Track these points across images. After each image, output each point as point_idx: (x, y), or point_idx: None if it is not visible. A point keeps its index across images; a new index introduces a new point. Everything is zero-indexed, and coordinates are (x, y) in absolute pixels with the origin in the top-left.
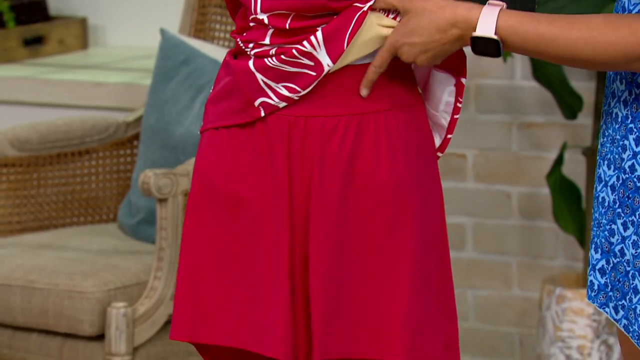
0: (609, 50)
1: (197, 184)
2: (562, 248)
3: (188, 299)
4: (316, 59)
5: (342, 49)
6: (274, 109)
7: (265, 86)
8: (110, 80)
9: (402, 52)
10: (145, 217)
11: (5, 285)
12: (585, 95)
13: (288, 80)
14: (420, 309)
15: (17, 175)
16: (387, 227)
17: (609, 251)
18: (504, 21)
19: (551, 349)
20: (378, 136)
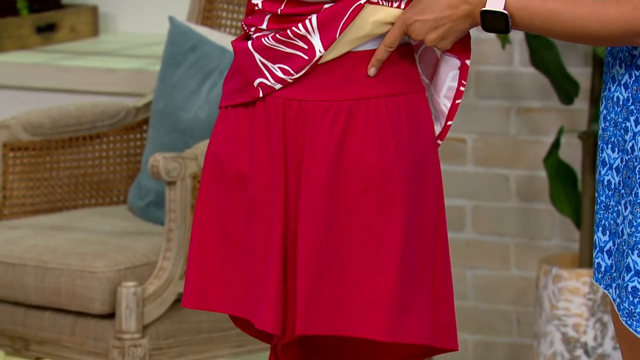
0: (612, 26)
1: (209, 161)
2: (558, 229)
3: (198, 269)
4: (310, 43)
5: (334, 37)
6: (270, 90)
7: (262, 66)
8: (120, 67)
9: (413, 29)
10: (154, 200)
11: (19, 265)
12: (582, 81)
13: (283, 62)
14: (406, 290)
15: (31, 159)
16: (375, 210)
17: (616, 232)
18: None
19: (547, 327)
20: (368, 122)
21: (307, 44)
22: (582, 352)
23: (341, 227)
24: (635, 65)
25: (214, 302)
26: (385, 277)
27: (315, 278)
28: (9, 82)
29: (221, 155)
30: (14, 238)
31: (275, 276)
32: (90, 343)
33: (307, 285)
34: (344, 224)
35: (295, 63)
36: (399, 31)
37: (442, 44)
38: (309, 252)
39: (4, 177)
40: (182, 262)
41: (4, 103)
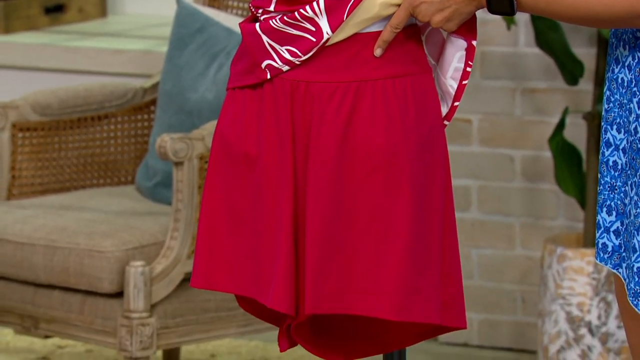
0: (616, 7)
1: (216, 142)
2: (563, 209)
3: (206, 250)
4: (317, 25)
5: (341, 20)
6: (278, 72)
7: (270, 48)
8: (128, 48)
9: (419, 10)
10: (162, 180)
11: (28, 245)
12: (586, 62)
13: (290, 44)
14: (414, 270)
15: (39, 139)
16: (382, 190)
17: (624, 213)
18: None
19: (552, 306)
20: (375, 103)
21: (315, 26)
22: (586, 330)
23: (349, 207)
24: (639, 47)
25: (221, 282)
26: (393, 256)
27: (323, 258)
28: (18, 63)
29: (229, 137)
30: (23, 218)
31: (286, 256)
32: (99, 322)
33: (316, 265)
34: (351, 204)
35: (303, 45)
36: (405, 12)
37: (447, 25)
38: (317, 232)
39: (13, 157)
40: (190, 241)
41: (12, 84)
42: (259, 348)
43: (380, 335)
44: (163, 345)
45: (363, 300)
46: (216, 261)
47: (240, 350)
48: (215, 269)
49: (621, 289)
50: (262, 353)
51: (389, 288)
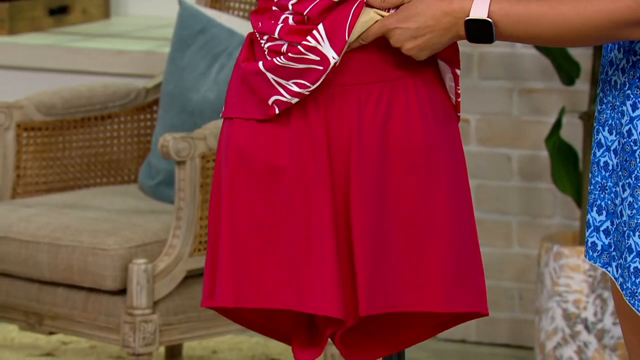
0: (596, 18)
1: (234, 159)
2: (559, 208)
3: (230, 267)
4: (322, 54)
5: (344, 41)
6: (287, 106)
7: (276, 84)
8: (131, 49)
9: (393, 34)
10: (164, 179)
11: (33, 243)
12: (583, 62)
13: (298, 77)
14: (456, 262)
15: (44, 139)
16: (422, 186)
17: (614, 213)
18: (495, 4)
19: (549, 303)
20: (408, 100)
21: (319, 55)
22: (582, 327)
23: (392, 206)
24: (633, 51)
25: (252, 299)
26: (438, 250)
27: (373, 259)
28: (23, 64)
29: (250, 152)
30: (27, 216)
31: (332, 262)
32: (102, 318)
33: (367, 267)
34: (394, 202)
35: (311, 76)
36: (377, 32)
37: (419, 54)
38: (365, 234)
39: (18, 157)
40: (191, 240)
41: (17, 84)
42: (259, 344)
43: (396, 332)
44: (165, 342)
45: (411, 296)
46: (244, 278)
47: (242, 346)
48: (242, 285)
49: (616, 287)
50: (262, 349)
51: (437, 281)
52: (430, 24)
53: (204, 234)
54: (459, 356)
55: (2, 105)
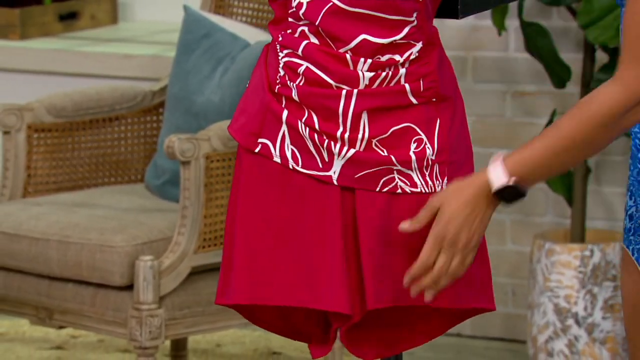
0: (593, 125)
1: (249, 159)
2: (551, 206)
3: (245, 265)
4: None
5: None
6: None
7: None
8: (137, 53)
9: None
10: (170, 178)
11: (43, 240)
12: (573, 66)
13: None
14: None
15: (54, 140)
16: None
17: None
18: (508, 165)
19: (541, 298)
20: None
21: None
22: (573, 321)
23: (398, 204)
24: None
25: (264, 295)
26: None
27: (379, 254)
28: (33, 67)
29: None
30: (37, 214)
31: (340, 259)
32: (110, 313)
33: (373, 261)
34: (401, 201)
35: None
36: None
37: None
38: (371, 229)
39: (29, 157)
40: (196, 237)
41: (28, 87)
42: (262, 338)
43: (402, 330)
44: (171, 336)
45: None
46: (258, 276)
47: (244, 340)
48: (257, 283)
49: (628, 260)
50: (265, 343)
51: None
52: (468, 211)
53: (208, 232)
54: (454, 349)
55: (13, 108)
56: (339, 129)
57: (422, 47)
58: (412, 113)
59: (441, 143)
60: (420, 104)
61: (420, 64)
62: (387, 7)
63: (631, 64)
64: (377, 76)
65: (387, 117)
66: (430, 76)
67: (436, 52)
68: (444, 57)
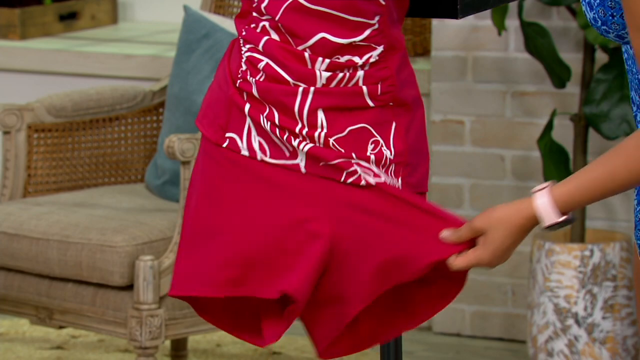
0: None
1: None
2: None
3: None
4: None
5: None
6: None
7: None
8: (138, 53)
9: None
10: (170, 178)
11: (43, 240)
12: (573, 66)
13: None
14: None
15: (54, 140)
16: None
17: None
18: (558, 201)
19: (541, 298)
20: None
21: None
22: (573, 321)
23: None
24: None
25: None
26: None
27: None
28: (34, 67)
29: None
30: (38, 214)
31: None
32: (110, 313)
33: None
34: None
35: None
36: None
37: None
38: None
39: (29, 157)
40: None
41: (28, 87)
42: None
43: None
44: (171, 336)
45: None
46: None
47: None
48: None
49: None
50: None
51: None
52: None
53: None
54: (453, 349)
55: (13, 108)
56: (297, 124)
57: (383, 51)
58: (367, 115)
59: (397, 146)
60: (376, 106)
61: (379, 67)
62: (349, 7)
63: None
64: (334, 76)
65: (344, 117)
66: (388, 80)
67: (397, 56)
68: (406, 63)
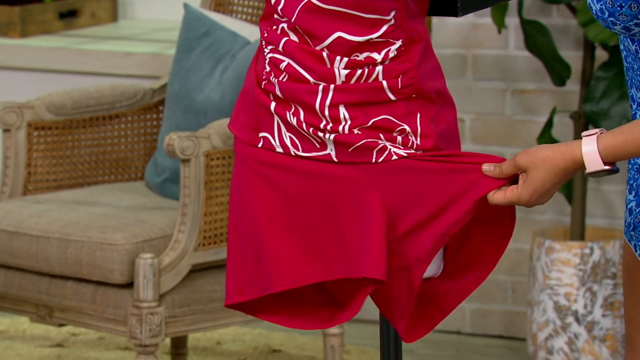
0: None
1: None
2: (551, 204)
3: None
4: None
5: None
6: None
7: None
8: (138, 51)
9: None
10: (170, 176)
11: (43, 238)
12: (573, 64)
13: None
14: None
15: (54, 137)
16: None
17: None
18: (605, 149)
19: (540, 296)
20: None
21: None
22: (572, 319)
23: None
24: None
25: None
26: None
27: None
28: (34, 65)
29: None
30: (38, 212)
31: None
32: (110, 311)
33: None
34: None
35: (309, 144)
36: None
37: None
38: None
39: (29, 155)
40: (196, 235)
41: (28, 85)
42: (262, 336)
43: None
44: (171, 333)
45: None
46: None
47: (245, 337)
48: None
49: (630, 259)
50: (265, 340)
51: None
52: (555, 181)
53: (209, 230)
54: (453, 347)
55: (13, 106)
56: (322, 121)
57: (402, 45)
58: (390, 108)
59: (425, 130)
60: (399, 99)
61: (399, 61)
62: (363, 5)
63: None
64: (353, 73)
65: (366, 110)
66: (409, 73)
67: (418, 49)
68: (429, 55)
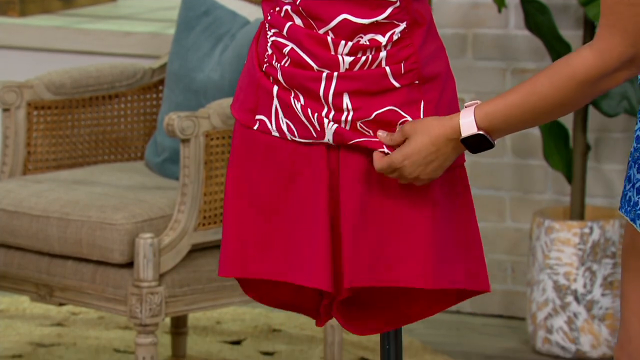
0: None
1: (238, 137)
2: (551, 183)
3: (235, 240)
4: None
5: None
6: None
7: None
8: (137, 30)
9: (403, 170)
10: (169, 156)
11: (43, 217)
12: (573, 43)
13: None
14: (441, 241)
15: (53, 117)
16: None
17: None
18: (480, 114)
19: (540, 275)
20: None
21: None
22: (572, 298)
23: (380, 185)
24: None
25: (252, 270)
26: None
27: (358, 234)
28: (33, 44)
29: (251, 131)
30: (38, 192)
31: (324, 237)
32: (110, 290)
33: (352, 241)
34: (382, 183)
35: (304, 130)
36: (384, 168)
37: (434, 176)
38: (352, 210)
39: (29, 134)
40: (196, 214)
41: (28, 64)
42: (262, 315)
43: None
44: (171, 313)
45: (397, 271)
46: (247, 250)
47: (245, 317)
48: (246, 258)
49: (630, 241)
50: (265, 320)
51: (420, 258)
52: (432, 149)
53: (208, 209)
54: (453, 326)
55: (13, 85)
56: (324, 108)
57: (406, 27)
58: (394, 96)
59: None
60: (402, 86)
61: (401, 45)
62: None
63: (606, 33)
64: (357, 60)
65: (370, 100)
66: (411, 58)
67: (421, 32)
68: (432, 37)
